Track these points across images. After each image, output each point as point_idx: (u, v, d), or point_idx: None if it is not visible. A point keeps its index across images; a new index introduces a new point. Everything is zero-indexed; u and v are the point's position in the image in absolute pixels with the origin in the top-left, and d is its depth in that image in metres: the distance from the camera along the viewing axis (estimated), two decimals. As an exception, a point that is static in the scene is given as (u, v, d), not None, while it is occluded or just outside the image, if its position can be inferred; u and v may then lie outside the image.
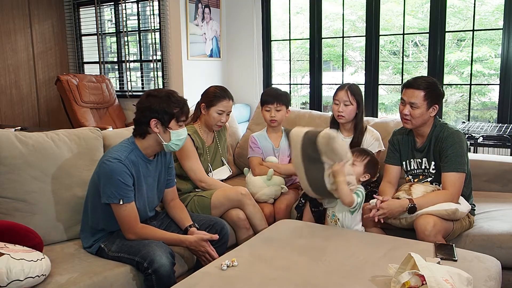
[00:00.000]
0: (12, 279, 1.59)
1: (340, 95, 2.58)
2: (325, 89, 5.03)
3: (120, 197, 1.92)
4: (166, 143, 2.04)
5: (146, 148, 2.06)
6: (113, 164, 1.92)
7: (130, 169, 1.96)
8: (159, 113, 1.98)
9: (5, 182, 2.05)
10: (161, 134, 2.02)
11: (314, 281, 1.63)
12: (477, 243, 2.13)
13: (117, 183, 1.91)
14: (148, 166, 2.09)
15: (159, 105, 1.98)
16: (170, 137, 2.03)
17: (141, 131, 2.03)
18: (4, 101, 5.36)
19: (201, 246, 2.04)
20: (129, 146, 2.03)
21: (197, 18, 4.91)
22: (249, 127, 3.47)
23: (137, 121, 2.04)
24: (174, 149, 2.11)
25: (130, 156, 1.99)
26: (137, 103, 2.06)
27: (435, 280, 1.38)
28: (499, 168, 2.73)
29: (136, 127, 2.05)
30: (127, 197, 1.94)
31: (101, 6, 5.69)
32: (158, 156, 2.16)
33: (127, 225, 1.98)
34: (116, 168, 1.92)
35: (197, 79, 5.00)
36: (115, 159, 1.93)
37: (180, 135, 2.06)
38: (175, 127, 2.03)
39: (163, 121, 2.00)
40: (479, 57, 5.98)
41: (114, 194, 1.91)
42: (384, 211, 2.12)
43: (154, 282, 1.85)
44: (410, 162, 2.38)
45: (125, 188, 1.93)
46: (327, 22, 6.15)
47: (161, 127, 2.01)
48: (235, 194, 2.47)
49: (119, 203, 1.92)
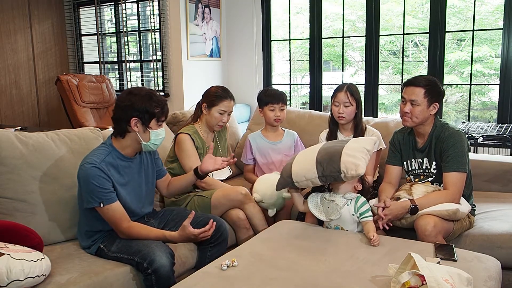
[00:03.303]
0: (12, 279, 1.58)
1: (340, 96, 2.58)
2: (325, 89, 5.04)
3: (100, 200, 1.92)
4: (145, 142, 2.04)
5: (125, 147, 2.05)
6: (87, 169, 1.92)
7: (106, 172, 1.95)
8: (140, 112, 1.97)
9: (5, 182, 2.05)
10: (141, 134, 2.01)
11: (314, 281, 1.63)
12: (477, 243, 2.12)
13: (93, 187, 1.91)
14: (130, 164, 2.08)
15: (141, 104, 1.97)
16: (149, 137, 2.03)
17: (120, 130, 2.02)
18: (4, 101, 5.36)
19: (188, 238, 1.99)
20: (106, 149, 2.02)
21: (197, 18, 4.91)
22: (249, 127, 3.47)
23: (116, 119, 2.02)
24: (152, 149, 2.10)
25: (107, 159, 1.98)
26: (117, 101, 2.04)
27: (435, 280, 1.38)
28: (499, 168, 2.73)
29: (116, 125, 2.03)
30: (106, 199, 1.93)
31: (101, 6, 5.69)
32: (141, 152, 2.16)
33: (114, 226, 1.99)
34: (90, 174, 1.91)
35: (197, 79, 5.00)
36: (90, 164, 1.93)
37: (159, 135, 2.06)
38: (155, 127, 2.03)
39: (144, 120, 1.99)
40: (479, 57, 5.98)
41: (93, 198, 1.92)
42: (388, 217, 2.12)
43: (153, 282, 1.85)
44: (411, 162, 2.38)
45: (102, 191, 1.92)
46: (327, 22, 6.16)
47: (141, 126, 2.00)
48: (235, 194, 2.47)
49: (100, 206, 1.92)
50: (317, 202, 2.15)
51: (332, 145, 2.16)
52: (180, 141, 2.57)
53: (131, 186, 2.08)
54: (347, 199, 2.10)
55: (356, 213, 2.08)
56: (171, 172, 2.61)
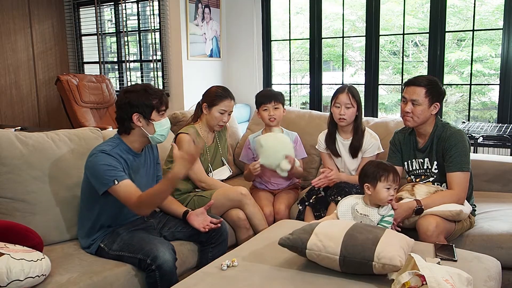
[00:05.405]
0: (12, 279, 1.59)
1: (341, 98, 2.56)
2: (325, 89, 5.03)
3: (114, 178, 1.92)
4: (151, 135, 2.07)
5: (132, 142, 2.09)
6: (97, 156, 1.95)
7: (116, 157, 1.98)
8: (139, 107, 2.01)
9: (5, 182, 2.05)
10: (145, 127, 2.05)
11: (314, 281, 1.63)
12: (477, 243, 2.12)
13: (105, 168, 1.93)
14: (136, 159, 2.11)
15: (138, 99, 2.01)
16: (154, 129, 2.06)
17: (125, 128, 2.06)
18: (4, 101, 5.36)
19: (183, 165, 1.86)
20: (114, 141, 2.06)
21: (197, 18, 4.91)
22: (249, 127, 3.47)
23: (119, 119, 2.07)
24: (160, 140, 2.12)
25: (115, 150, 2.01)
26: (116, 102, 2.09)
27: (435, 280, 1.38)
28: (499, 168, 2.73)
29: (120, 125, 2.08)
30: (120, 175, 1.94)
31: (101, 6, 5.68)
32: (146, 150, 2.18)
33: (128, 201, 1.93)
34: (101, 158, 1.94)
35: (197, 79, 4.99)
36: (100, 152, 1.96)
37: (163, 125, 2.09)
38: (157, 117, 2.06)
39: (145, 114, 2.03)
40: (479, 57, 5.98)
41: (107, 179, 1.92)
42: (398, 221, 2.12)
43: (157, 278, 1.85)
44: (412, 162, 2.37)
45: (114, 170, 1.94)
46: (327, 22, 6.16)
47: (144, 120, 2.04)
48: (235, 194, 2.47)
49: (115, 183, 1.92)
50: (349, 215, 2.04)
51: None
52: (180, 141, 2.57)
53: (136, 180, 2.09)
54: (381, 215, 2.00)
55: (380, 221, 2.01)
56: (171, 172, 2.61)
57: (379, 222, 1.99)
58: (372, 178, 2.00)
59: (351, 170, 2.67)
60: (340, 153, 2.67)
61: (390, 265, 1.55)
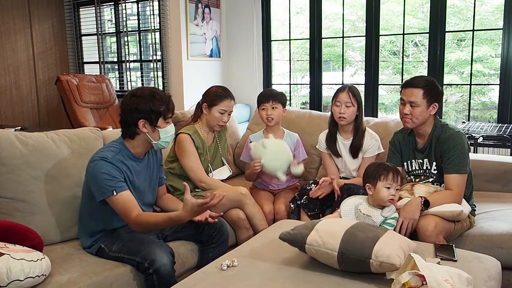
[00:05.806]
0: (12, 279, 1.59)
1: (342, 96, 2.57)
2: (325, 89, 5.03)
3: (112, 188, 1.91)
4: (155, 142, 2.05)
5: (135, 147, 2.06)
6: (98, 163, 1.93)
7: (117, 166, 1.96)
8: (146, 113, 1.97)
9: (5, 182, 2.05)
10: (150, 134, 2.02)
11: (314, 281, 1.63)
12: (477, 243, 2.12)
13: (105, 177, 1.91)
14: (138, 164, 2.09)
15: (145, 105, 1.97)
16: (159, 136, 2.04)
17: (129, 133, 2.03)
18: (4, 101, 5.36)
19: (193, 211, 1.83)
20: (117, 147, 2.03)
21: (197, 18, 4.91)
22: (249, 127, 3.47)
23: (124, 123, 2.03)
24: (163, 147, 2.11)
25: (117, 156, 1.99)
26: (121, 104, 2.04)
27: (435, 280, 1.38)
28: (499, 168, 2.73)
29: (124, 129, 2.04)
30: (119, 186, 1.92)
31: (101, 6, 5.68)
32: (149, 154, 2.17)
33: (125, 215, 1.92)
34: (102, 166, 1.92)
35: (197, 79, 4.99)
36: (101, 159, 1.93)
37: (168, 132, 2.06)
38: (163, 125, 2.03)
39: (151, 121, 1.99)
40: (479, 57, 5.98)
41: (106, 188, 1.90)
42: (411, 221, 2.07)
43: (155, 281, 1.85)
44: (411, 163, 2.38)
45: (114, 180, 1.92)
46: (327, 22, 6.16)
47: (150, 127, 2.01)
48: (235, 194, 2.47)
49: (113, 194, 1.90)
50: (352, 215, 2.04)
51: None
52: (180, 141, 2.57)
53: (136, 186, 2.09)
54: (385, 217, 2.00)
55: (382, 223, 2.00)
56: (171, 172, 2.61)
57: (382, 224, 1.99)
58: (372, 178, 2.02)
59: (352, 170, 2.67)
60: (340, 153, 2.67)
61: (388, 263, 1.54)
